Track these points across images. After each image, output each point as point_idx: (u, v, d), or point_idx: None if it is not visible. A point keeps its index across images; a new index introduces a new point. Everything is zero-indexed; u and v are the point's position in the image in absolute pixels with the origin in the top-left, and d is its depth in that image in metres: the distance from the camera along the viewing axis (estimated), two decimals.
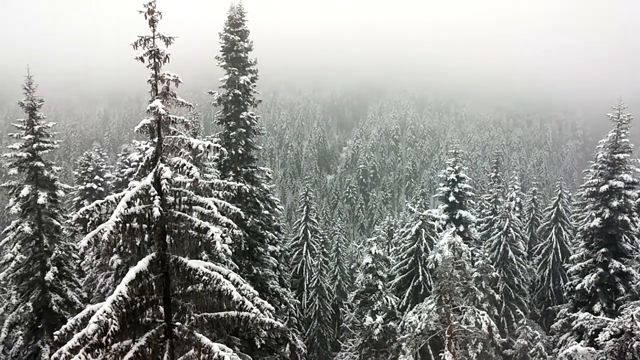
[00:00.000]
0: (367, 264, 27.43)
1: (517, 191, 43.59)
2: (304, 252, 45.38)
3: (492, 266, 31.48)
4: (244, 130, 26.93)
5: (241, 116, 26.75)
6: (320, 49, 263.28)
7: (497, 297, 31.69)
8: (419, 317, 21.03)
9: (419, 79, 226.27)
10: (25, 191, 22.99)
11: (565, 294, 32.39)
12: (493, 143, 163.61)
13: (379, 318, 26.07)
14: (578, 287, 27.37)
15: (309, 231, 45.92)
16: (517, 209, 40.99)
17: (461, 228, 30.60)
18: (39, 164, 23.50)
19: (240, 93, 26.46)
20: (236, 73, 26.40)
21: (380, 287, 27.17)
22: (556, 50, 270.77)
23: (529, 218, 46.62)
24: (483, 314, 20.88)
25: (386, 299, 27.10)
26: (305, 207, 46.40)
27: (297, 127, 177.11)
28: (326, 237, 53.65)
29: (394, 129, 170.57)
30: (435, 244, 26.25)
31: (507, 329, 33.68)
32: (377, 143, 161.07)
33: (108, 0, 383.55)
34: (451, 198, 31.38)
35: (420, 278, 30.45)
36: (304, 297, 44.67)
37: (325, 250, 49.04)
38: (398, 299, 29.36)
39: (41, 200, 22.92)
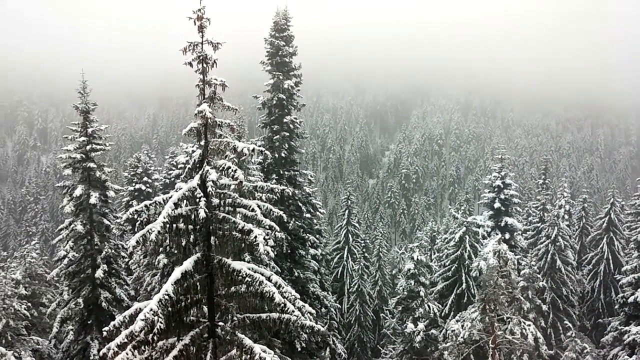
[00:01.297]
0: (409, 270, 27.11)
1: (566, 199, 42.02)
2: (345, 256, 45.28)
3: (539, 276, 30.49)
4: (287, 134, 27.17)
5: (285, 120, 27.01)
6: (364, 52, 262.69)
7: (544, 307, 30.67)
8: (462, 326, 20.59)
9: (465, 83, 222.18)
10: (78, 191, 23.88)
11: (616, 307, 31.06)
12: (541, 149, 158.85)
13: (421, 325, 25.69)
14: (631, 299, 26.20)
15: (350, 235, 45.80)
16: (566, 217, 39.55)
17: (507, 236, 29.83)
18: (92, 165, 24.35)
19: (284, 97, 26.73)
20: (281, 77, 26.69)
21: (422, 293, 26.79)
22: (608, 52, 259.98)
23: (578, 227, 44.91)
24: (529, 325, 20.25)
25: (428, 306, 26.69)
26: (346, 211, 46.31)
27: (339, 131, 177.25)
28: (367, 241, 53.37)
29: (438, 133, 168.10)
30: (480, 252, 25.69)
31: (555, 341, 32.52)
32: (420, 148, 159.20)
33: (157, 8, 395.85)
34: (497, 205, 30.63)
35: (464, 286, 29.84)
36: (345, 302, 44.54)
37: (366, 254, 48.79)
38: (440, 306, 28.87)
39: (93, 200, 23.75)
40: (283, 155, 26.90)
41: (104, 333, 12.33)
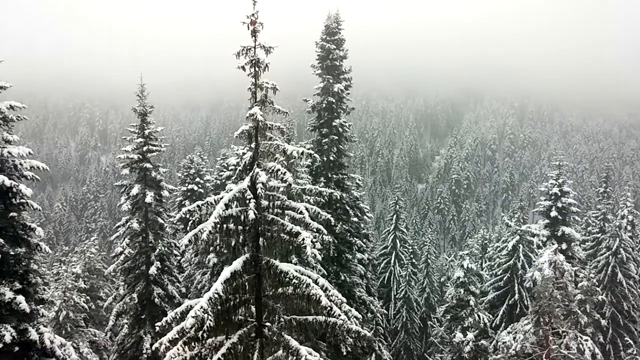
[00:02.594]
0: (459, 278, 26.51)
1: (629, 208, 39.83)
2: (392, 261, 44.82)
3: (598, 289, 29.02)
4: (336, 138, 27.19)
5: (334, 123, 27.05)
6: (414, 55, 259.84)
7: (603, 322, 29.16)
8: (514, 338, 19.90)
9: (520, 86, 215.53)
10: (135, 190, 24.78)
11: None
12: (602, 155, 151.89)
13: (470, 335, 25.04)
14: None
15: (397, 241, 45.31)
16: (628, 227, 37.50)
17: (564, 246, 28.67)
18: (148, 165, 25.19)
19: (333, 101, 26.78)
20: (331, 81, 26.76)
21: (472, 302, 26.12)
22: None
23: None
24: (586, 340, 19.33)
25: (478, 315, 25.98)
26: (394, 216, 45.85)
27: (388, 134, 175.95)
28: (415, 247, 52.60)
29: (491, 138, 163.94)
30: (534, 261, 24.82)
31: (614, 358, 30.92)
32: (472, 153, 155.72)
33: (212, 14, 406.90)
34: (553, 213, 29.52)
35: (516, 296, 28.92)
36: (391, 308, 44.06)
37: (414, 261, 48.09)
38: (491, 316, 28.05)
39: (148, 199, 24.58)
40: (331, 158, 26.94)
41: (157, 328, 12.68)
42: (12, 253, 15.80)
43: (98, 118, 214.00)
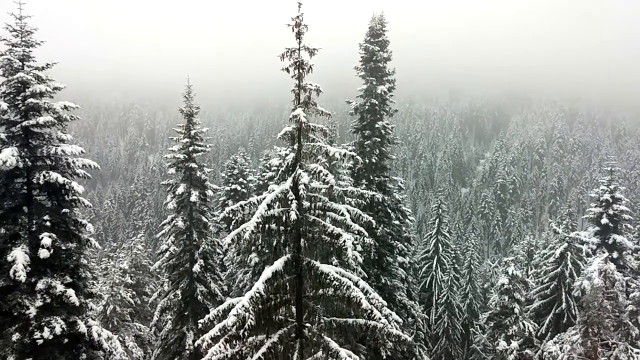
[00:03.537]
0: (503, 284, 25.87)
1: None
2: (433, 266, 44.17)
3: None
4: (379, 140, 27.03)
5: (376, 125, 26.90)
6: (459, 57, 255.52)
7: None
8: (561, 348, 19.24)
9: (570, 89, 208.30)
10: (180, 189, 25.38)
11: None
12: None
13: (514, 344, 24.36)
14: None
15: (440, 245, 44.61)
16: None
17: (615, 254, 27.50)
18: (193, 165, 25.76)
19: (376, 103, 26.63)
20: (374, 83, 26.62)
21: (516, 310, 25.43)
22: None
23: None
24: (637, 353, 18.47)
25: (523, 324, 25.27)
26: (437, 220, 45.19)
27: (431, 137, 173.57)
28: (458, 252, 51.66)
29: (539, 142, 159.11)
30: (583, 270, 23.92)
31: None
32: (519, 157, 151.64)
33: (256, 17, 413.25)
34: (604, 220, 28.37)
35: (564, 305, 27.93)
36: (432, 313, 43.41)
37: (456, 266, 47.23)
38: (536, 325, 27.23)
39: (193, 198, 25.12)
40: (374, 160, 26.79)
41: (199, 325, 12.95)
42: (63, 248, 16.46)
43: (146, 118, 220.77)
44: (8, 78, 16.32)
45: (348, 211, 13.61)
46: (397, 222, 27.96)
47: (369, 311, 12.59)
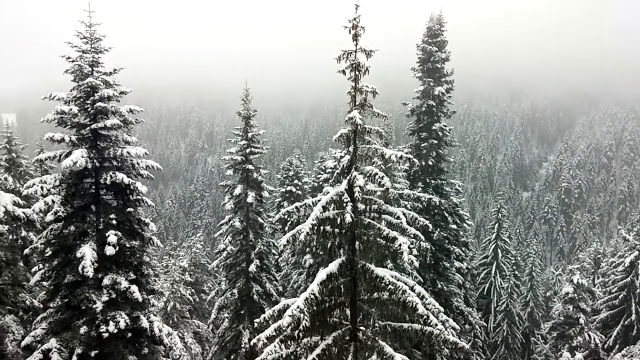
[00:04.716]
0: (567, 293, 24.74)
1: None
2: (492, 272, 42.86)
3: None
4: (436, 142, 26.51)
5: (433, 127, 26.41)
6: (520, 57, 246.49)
7: None
8: None
9: None
10: (237, 190, 25.94)
11: None
12: None
13: (579, 356, 23.19)
14: None
15: (499, 250, 43.25)
16: None
17: None
18: (250, 167, 26.28)
19: (434, 104, 26.15)
20: (431, 84, 26.16)
21: (581, 321, 24.23)
22: None
23: None
24: None
25: (588, 335, 24.05)
26: (496, 225, 43.85)
27: (491, 139, 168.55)
28: (518, 259, 49.80)
29: (607, 144, 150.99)
30: None
31: None
32: (585, 160, 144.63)
33: (315, 21, 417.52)
34: None
35: (633, 317, 26.39)
36: (491, 320, 42.12)
37: (516, 272, 45.56)
38: (603, 337, 25.84)
39: (250, 199, 25.61)
40: (430, 163, 26.31)
41: (255, 324, 13.14)
42: (128, 245, 17.19)
43: (206, 121, 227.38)
44: (78, 83, 17.21)
45: (404, 214, 13.40)
46: (454, 226, 27.31)
47: (425, 317, 12.34)
